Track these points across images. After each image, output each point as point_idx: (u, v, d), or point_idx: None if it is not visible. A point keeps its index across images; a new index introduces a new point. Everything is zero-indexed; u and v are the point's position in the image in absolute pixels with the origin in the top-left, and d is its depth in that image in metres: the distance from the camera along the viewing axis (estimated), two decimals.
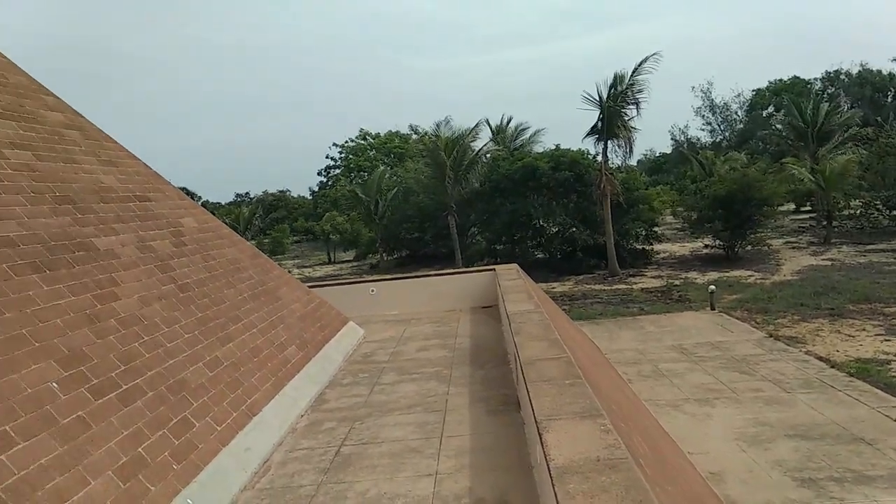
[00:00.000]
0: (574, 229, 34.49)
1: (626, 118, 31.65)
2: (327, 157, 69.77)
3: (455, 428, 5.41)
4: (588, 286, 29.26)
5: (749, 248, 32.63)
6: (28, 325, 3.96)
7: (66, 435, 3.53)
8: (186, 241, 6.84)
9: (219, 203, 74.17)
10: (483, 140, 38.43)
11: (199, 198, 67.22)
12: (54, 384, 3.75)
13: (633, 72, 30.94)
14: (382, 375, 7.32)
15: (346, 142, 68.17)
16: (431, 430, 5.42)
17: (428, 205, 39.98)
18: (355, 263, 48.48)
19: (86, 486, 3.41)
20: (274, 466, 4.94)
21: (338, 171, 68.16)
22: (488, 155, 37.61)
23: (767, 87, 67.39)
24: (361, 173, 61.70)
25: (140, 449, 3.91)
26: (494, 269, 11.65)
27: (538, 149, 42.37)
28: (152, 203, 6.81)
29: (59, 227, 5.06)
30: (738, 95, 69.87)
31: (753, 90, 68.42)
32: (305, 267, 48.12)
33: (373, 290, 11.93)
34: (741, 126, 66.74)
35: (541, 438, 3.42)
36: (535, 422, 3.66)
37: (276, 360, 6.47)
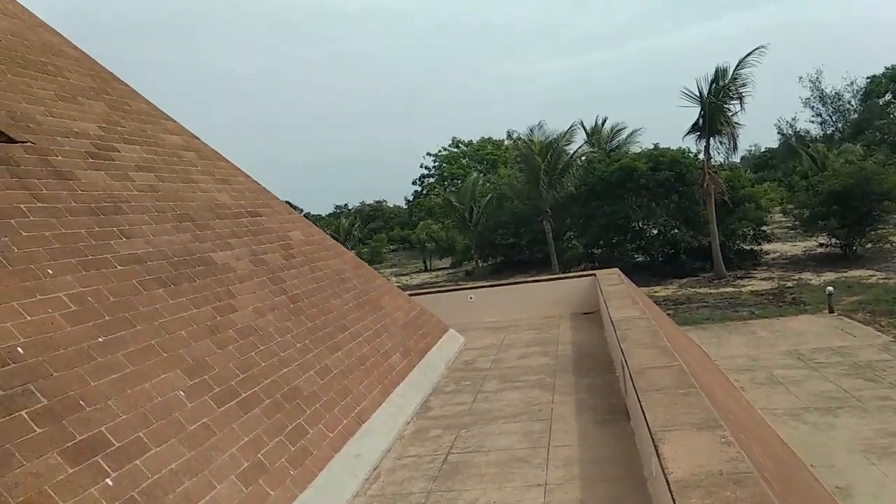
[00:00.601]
0: (676, 231, 33.36)
1: (730, 113, 30.34)
2: (421, 167, 70.78)
3: (562, 437, 5.32)
4: (692, 289, 28.18)
5: (869, 245, 30.45)
6: (156, 337, 4.22)
7: (192, 441, 3.73)
8: (295, 254, 7.10)
9: (319, 215, 76.81)
10: (577, 143, 37.87)
11: (302, 210, 69.86)
12: (181, 392, 3.98)
13: (737, 65, 29.66)
14: (485, 383, 7.31)
15: (440, 151, 68.94)
16: (538, 439, 5.35)
17: (522, 210, 39.79)
18: (451, 270, 48.89)
19: (212, 490, 3.59)
20: (384, 473, 5.03)
21: (431, 179, 69.03)
22: (583, 157, 37.01)
23: (884, 74, 62.81)
24: (455, 181, 62.18)
25: (260, 455, 4.08)
26: (595, 275, 11.42)
27: (635, 149, 41.32)
28: (263, 218, 7.12)
29: (181, 244, 5.37)
30: (851, 84, 65.48)
31: (868, 77, 63.95)
32: (403, 275, 48.99)
33: (471, 298, 11.97)
34: (855, 116, 62.47)
35: (657, 450, 3.30)
36: (650, 433, 3.54)
37: (382, 367, 6.60)
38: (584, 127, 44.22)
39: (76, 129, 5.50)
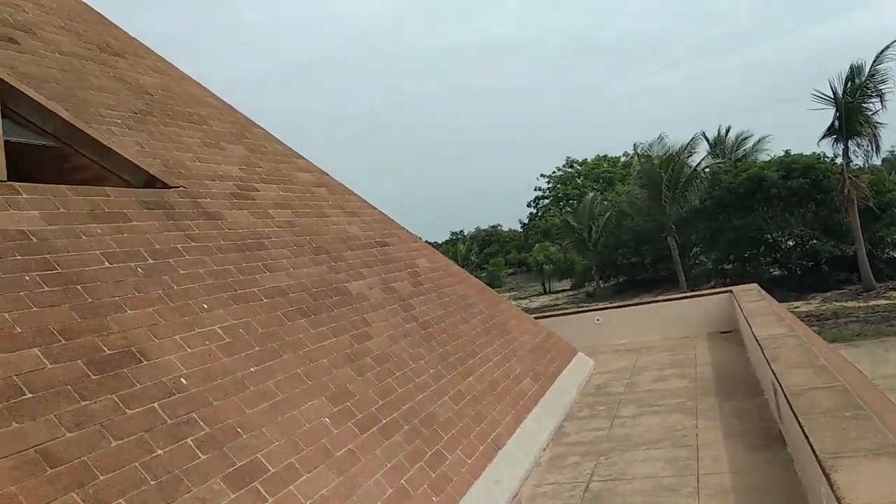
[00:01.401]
0: (815, 241, 31.12)
1: (869, 113, 28.12)
2: (535, 189, 70.51)
3: (711, 465, 5.01)
4: (838, 303, 26.09)
5: None
6: (301, 366, 4.39)
7: (340, 467, 3.83)
8: (422, 281, 7.22)
9: (436, 242, 78.19)
10: (700, 154, 36.36)
11: (420, 239, 71.33)
12: (327, 419, 4.10)
13: (874, 61, 27.51)
14: (621, 408, 7.06)
15: (554, 171, 68.43)
16: (684, 466, 5.08)
17: (644, 227, 38.59)
18: (571, 292, 48.05)
19: None
20: (524, 501, 4.94)
21: (546, 201, 68.52)
22: (707, 169, 35.47)
23: None
24: (571, 201, 61.38)
25: (402, 481, 4.12)
26: (731, 291, 10.81)
27: (763, 157, 39.11)
28: (390, 247, 7.31)
29: (318, 275, 5.59)
30: None
31: None
32: (521, 298, 48.68)
33: (598, 319, 11.66)
34: None
35: (828, 479, 3.02)
36: (818, 460, 3.25)
37: (514, 392, 6.53)
38: (706, 138, 42.45)
39: (221, 172, 5.90)
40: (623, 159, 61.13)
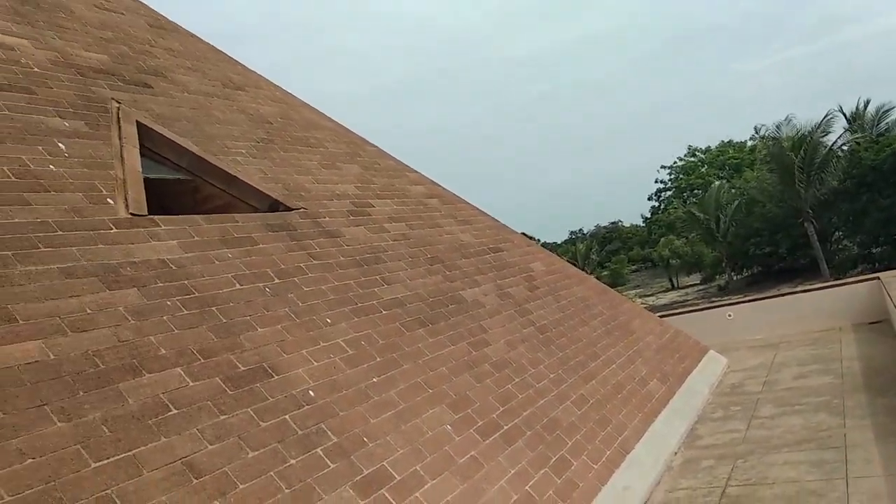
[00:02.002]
0: None
1: None
2: (656, 182, 68.12)
3: (863, 467, 4.63)
4: None
5: None
6: (421, 374, 4.49)
7: (464, 474, 3.88)
8: (538, 285, 7.17)
9: (555, 243, 77.25)
10: (836, 132, 33.70)
11: (538, 240, 70.93)
12: (448, 427, 4.17)
13: None
14: (758, 408, 6.66)
15: (675, 162, 65.84)
16: (832, 469, 4.72)
17: (777, 214, 36.25)
18: (701, 287, 45.93)
19: None
20: None
21: (669, 193, 66.01)
22: (845, 147, 32.81)
23: None
24: (695, 192, 58.77)
25: (527, 487, 4.11)
26: (878, 278, 9.94)
27: None
28: (504, 253, 7.32)
29: (434, 285, 5.70)
30: None
31: None
32: (648, 295, 47.11)
33: (729, 315, 11.08)
34: None
35: None
36: None
37: (640, 395, 6.33)
38: (843, 113, 39.32)
39: (338, 191, 6.16)
40: (750, 143, 57.77)
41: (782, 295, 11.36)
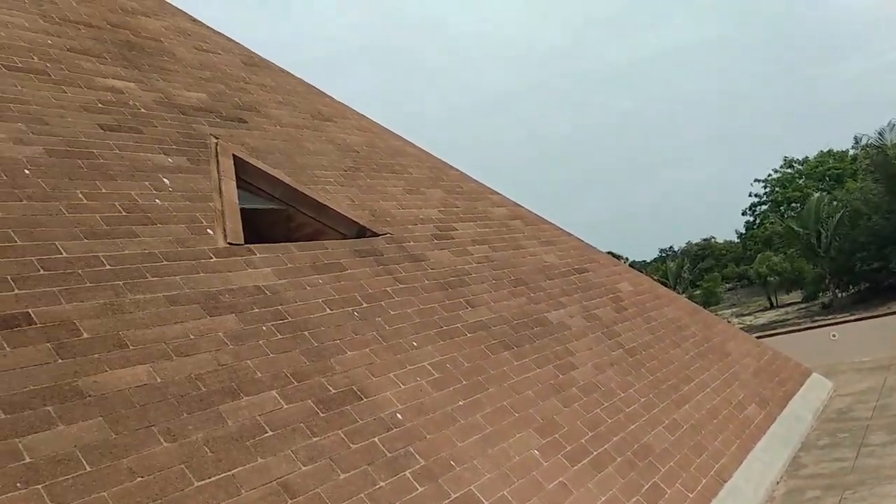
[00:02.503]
0: None
1: None
2: (750, 195, 65.40)
3: None
4: None
5: None
6: (507, 398, 4.48)
7: (552, 500, 3.83)
8: (626, 306, 7.03)
9: (644, 261, 75.29)
10: None
11: (626, 259, 69.37)
12: (535, 451, 4.13)
13: None
14: (868, 435, 6.24)
15: (770, 174, 63.10)
16: None
17: (884, 226, 34.05)
18: (802, 305, 43.55)
19: None
20: None
21: (764, 207, 63.23)
22: None
23: None
24: (793, 205, 56.05)
25: None
26: None
27: None
28: (590, 273, 7.22)
29: (518, 307, 5.69)
30: None
31: None
32: (745, 315, 45.11)
33: (834, 335, 10.49)
34: None
35: None
36: None
37: (737, 420, 6.07)
38: None
39: (422, 216, 6.27)
40: (851, 152, 54.70)
41: (893, 313, 10.65)
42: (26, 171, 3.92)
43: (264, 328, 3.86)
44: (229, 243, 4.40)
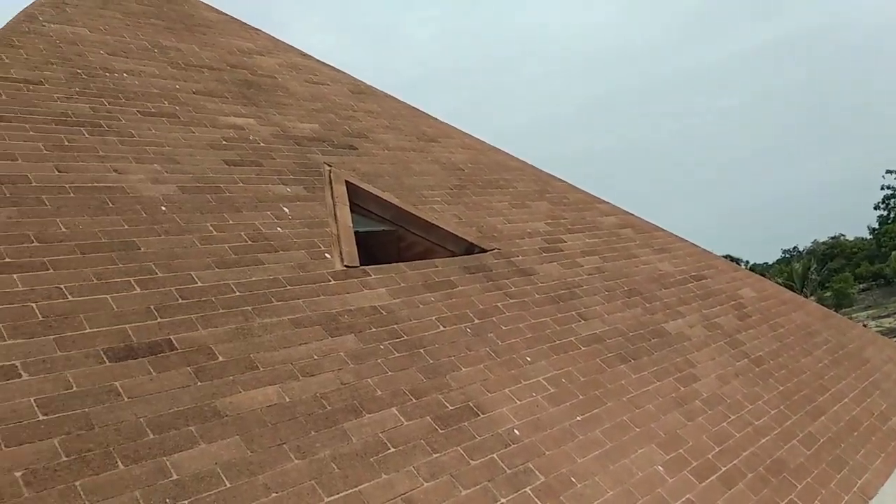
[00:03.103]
0: None
1: None
2: (883, 188, 60.52)
3: None
4: None
5: None
6: (627, 412, 4.37)
7: None
8: (749, 313, 6.69)
9: (766, 264, 71.19)
10: None
11: (746, 263, 65.81)
12: (659, 467, 4.01)
13: None
14: None
15: None
16: None
17: None
18: None
19: None
20: None
21: None
22: None
23: None
24: None
25: None
26: None
27: None
28: (708, 280, 6.94)
29: (633, 318, 5.55)
30: None
31: None
32: (883, 317, 41.66)
33: None
34: None
35: None
36: None
37: (880, 432, 5.62)
38: None
39: (529, 229, 6.27)
40: None
41: None
42: (163, 208, 4.27)
43: (382, 347, 3.98)
44: (346, 266, 4.59)
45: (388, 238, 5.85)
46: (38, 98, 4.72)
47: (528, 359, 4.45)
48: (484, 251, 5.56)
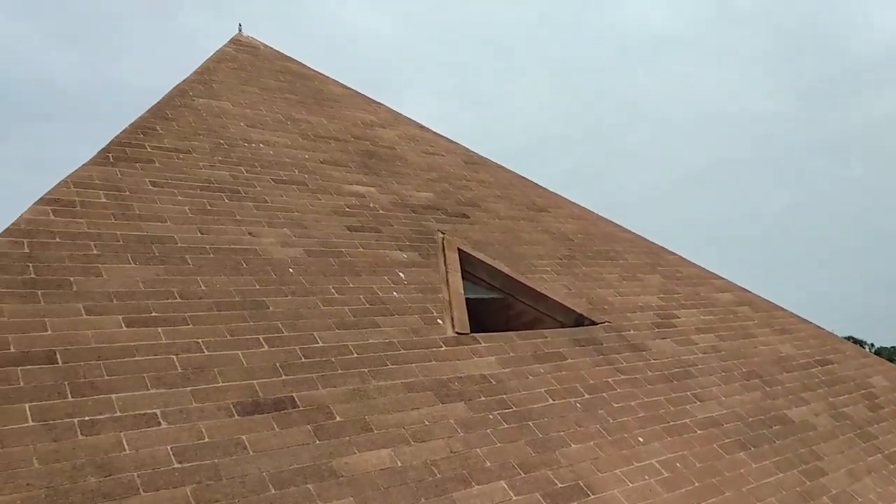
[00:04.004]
0: None
1: None
2: None
3: None
4: None
5: None
6: None
7: None
8: (882, 404, 6.19)
9: (894, 348, 65.39)
10: None
11: (871, 346, 60.73)
12: None
13: None
14: None
15: None
16: None
17: None
18: None
19: None
20: None
21: None
22: None
23: None
24: None
25: None
26: None
27: None
28: (834, 366, 6.51)
29: (753, 403, 5.27)
30: None
31: None
32: None
33: None
34: None
35: None
36: None
37: None
38: None
39: (640, 303, 6.15)
40: None
41: None
42: (290, 270, 4.54)
43: (491, 417, 3.99)
44: (457, 332, 4.66)
45: (497, 306, 5.90)
46: (186, 165, 5.19)
47: (641, 439, 4.31)
48: (594, 324, 5.50)
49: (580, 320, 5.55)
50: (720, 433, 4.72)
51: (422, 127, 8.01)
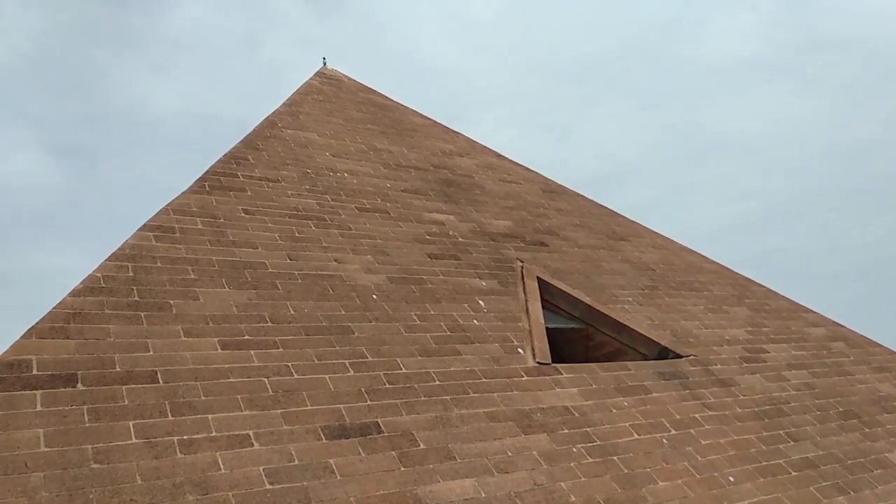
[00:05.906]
0: None
1: None
2: None
3: None
4: None
5: None
6: None
7: None
8: None
9: None
10: None
11: None
12: None
13: None
14: None
15: None
16: None
17: None
18: None
19: None
20: None
21: None
22: None
23: None
24: None
25: None
26: None
27: None
28: None
29: (851, 444, 4.99)
30: None
31: None
32: None
33: None
34: None
35: None
36: None
37: None
38: None
39: (727, 336, 5.94)
40: None
41: None
42: (374, 296, 4.62)
43: (575, 450, 3.91)
44: (538, 362, 4.62)
45: (576, 336, 5.82)
46: (276, 194, 5.39)
47: (732, 479, 4.13)
48: (679, 357, 5.34)
49: (664, 353, 5.41)
50: (817, 475, 4.47)
51: (499, 155, 8.06)
